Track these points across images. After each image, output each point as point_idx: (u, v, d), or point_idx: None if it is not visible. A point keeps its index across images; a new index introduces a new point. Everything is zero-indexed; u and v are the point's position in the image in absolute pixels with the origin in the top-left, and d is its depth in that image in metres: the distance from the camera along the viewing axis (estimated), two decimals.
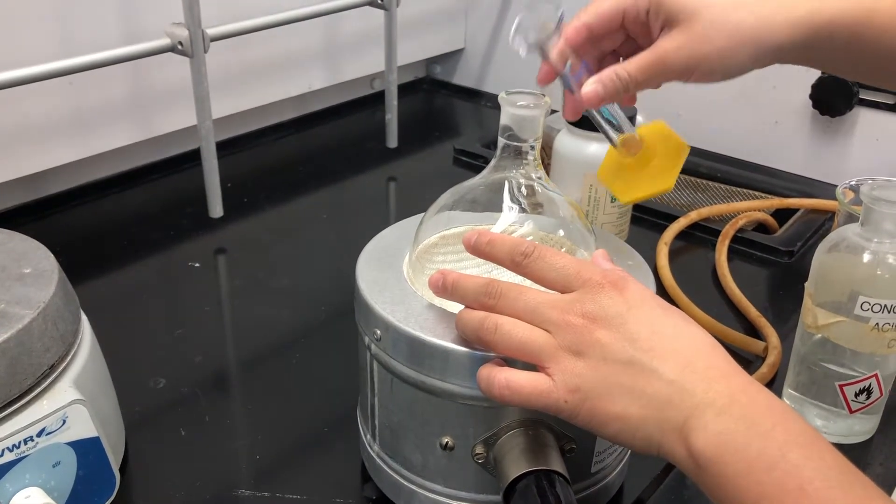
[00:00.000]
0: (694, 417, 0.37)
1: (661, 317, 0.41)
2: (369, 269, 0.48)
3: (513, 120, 0.46)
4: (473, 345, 0.42)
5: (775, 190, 0.92)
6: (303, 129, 1.05)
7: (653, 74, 0.49)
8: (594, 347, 0.40)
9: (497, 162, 0.47)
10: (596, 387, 0.39)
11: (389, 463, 0.49)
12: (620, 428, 0.39)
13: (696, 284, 0.75)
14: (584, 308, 0.40)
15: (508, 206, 0.47)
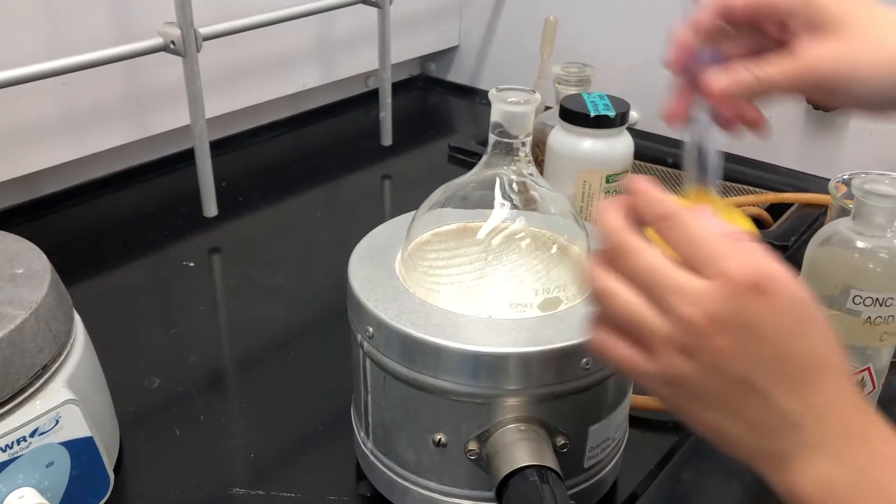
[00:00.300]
0: (800, 457, 0.35)
1: (796, 335, 0.35)
2: (361, 266, 0.49)
3: (503, 116, 0.46)
4: (469, 341, 0.42)
5: (770, 185, 0.92)
6: (297, 128, 1.05)
7: (796, 81, 0.42)
8: (709, 354, 0.35)
9: (488, 158, 0.47)
10: (697, 392, 0.36)
11: (383, 460, 0.49)
12: (717, 438, 0.37)
13: None
14: (709, 307, 0.34)
15: (500, 202, 0.47)
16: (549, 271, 0.47)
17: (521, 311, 0.45)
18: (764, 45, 0.44)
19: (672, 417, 0.58)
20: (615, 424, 0.48)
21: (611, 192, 0.72)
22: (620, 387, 0.47)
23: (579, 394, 0.44)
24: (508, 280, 0.46)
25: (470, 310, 0.45)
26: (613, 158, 0.72)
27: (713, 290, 0.34)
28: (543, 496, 0.40)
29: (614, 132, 0.72)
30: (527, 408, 0.44)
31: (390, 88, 0.97)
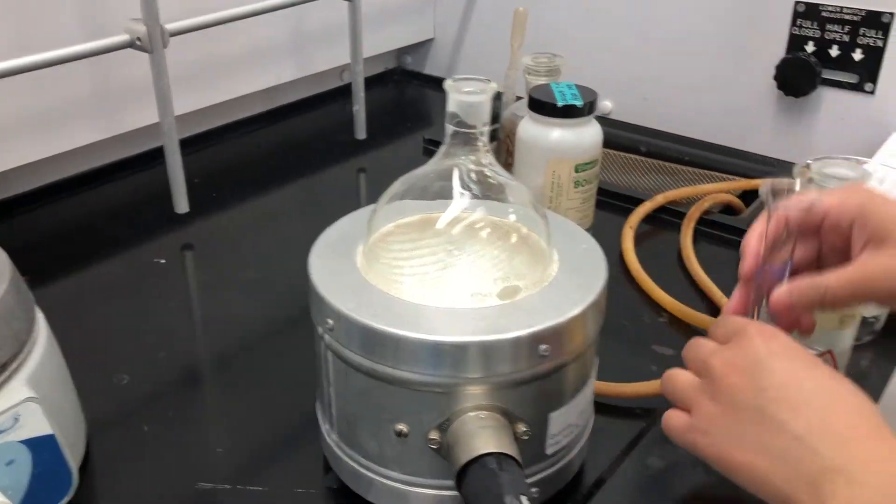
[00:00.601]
0: (824, 481, 0.36)
1: (804, 369, 0.40)
2: (322, 259, 0.49)
3: (459, 107, 0.46)
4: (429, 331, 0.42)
5: (743, 171, 0.92)
6: (272, 123, 1.05)
7: (854, 292, 0.44)
8: (727, 392, 0.41)
9: (447, 149, 0.48)
10: (724, 432, 0.40)
11: (347, 452, 0.49)
12: (748, 477, 0.39)
13: (662, 267, 0.75)
14: (726, 354, 0.42)
15: (459, 192, 0.47)
16: (508, 260, 0.47)
17: (481, 301, 0.45)
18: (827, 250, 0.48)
19: (640, 404, 0.59)
20: (577, 411, 0.48)
21: (580, 181, 0.72)
22: (581, 373, 0.48)
23: (539, 381, 0.44)
24: (468, 270, 0.46)
25: (431, 300, 0.45)
26: (582, 147, 0.72)
27: (732, 343, 0.42)
28: (501, 483, 0.40)
29: (583, 121, 0.72)
30: (487, 396, 0.44)
31: (363, 81, 0.97)
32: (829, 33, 0.87)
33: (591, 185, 0.74)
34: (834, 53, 0.88)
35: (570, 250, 0.50)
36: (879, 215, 0.44)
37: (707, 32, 0.96)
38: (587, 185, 0.73)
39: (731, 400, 0.40)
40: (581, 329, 0.45)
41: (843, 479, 0.36)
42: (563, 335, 0.44)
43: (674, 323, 0.68)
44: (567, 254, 0.49)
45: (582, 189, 0.73)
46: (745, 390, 0.40)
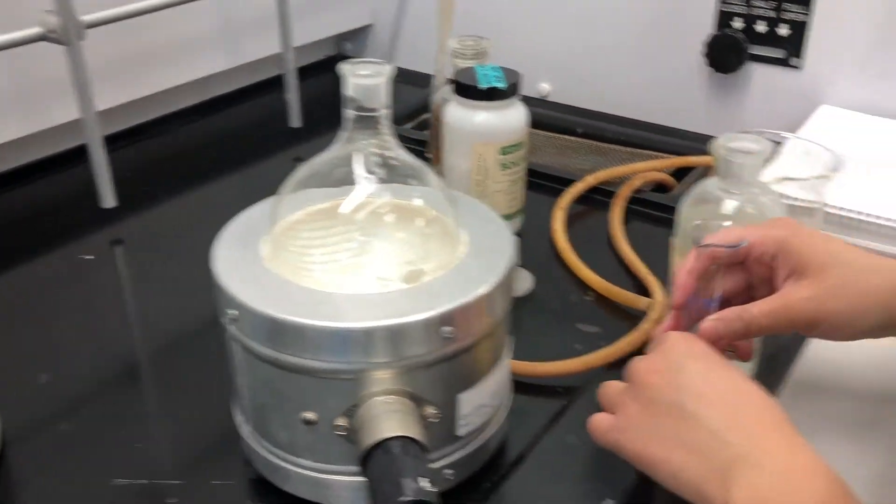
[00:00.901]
0: (733, 469, 0.39)
1: (718, 369, 0.43)
2: (226, 249, 0.48)
3: (356, 90, 0.45)
4: (330, 318, 0.42)
5: (676, 149, 0.93)
6: (206, 115, 1.03)
7: (777, 321, 0.47)
8: (647, 390, 0.44)
9: (349, 134, 0.47)
10: (643, 429, 0.43)
11: (261, 443, 0.49)
12: (665, 471, 0.42)
13: (593, 247, 0.76)
14: (649, 360, 0.45)
15: (364, 177, 0.47)
16: (414, 244, 0.47)
17: (386, 286, 0.45)
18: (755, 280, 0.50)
19: (561, 382, 0.59)
20: (489, 391, 0.48)
21: (507, 164, 0.73)
22: (491, 354, 0.48)
23: (444, 363, 0.45)
24: (373, 255, 0.46)
25: (336, 287, 0.45)
26: (507, 130, 0.72)
27: (654, 351, 0.46)
28: (402, 467, 0.40)
29: (507, 104, 0.72)
30: (392, 380, 0.44)
31: (294, 69, 0.96)
32: (756, 9, 0.88)
33: (519, 167, 0.74)
34: (761, 29, 0.89)
35: (479, 232, 0.50)
36: (799, 249, 0.47)
37: (637, 11, 0.96)
38: (514, 167, 0.73)
39: (651, 398, 0.43)
40: (486, 310, 0.45)
41: (747, 465, 0.39)
42: (467, 317, 0.44)
43: (600, 301, 0.68)
44: (476, 236, 0.49)
45: (509, 171, 0.73)
46: (663, 388, 0.43)
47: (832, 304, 0.47)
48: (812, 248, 0.47)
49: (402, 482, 0.39)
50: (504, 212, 0.75)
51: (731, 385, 0.43)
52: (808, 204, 0.64)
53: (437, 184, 0.49)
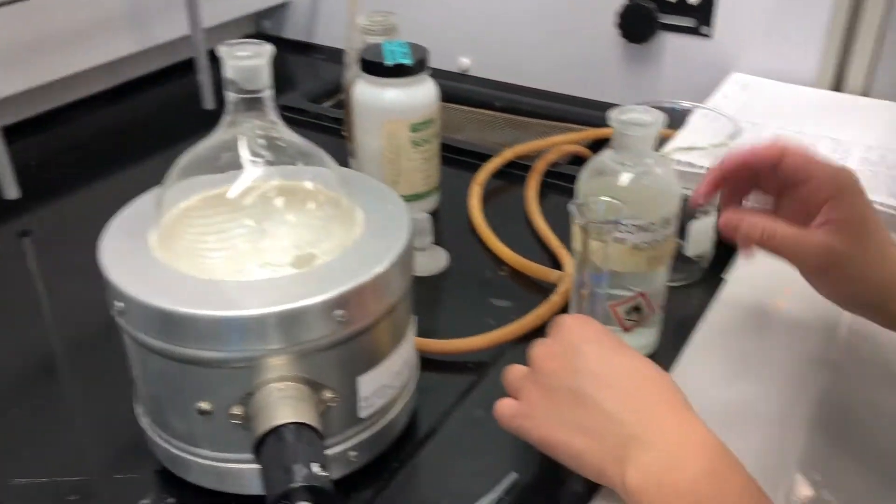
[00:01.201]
0: (628, 449, 0.40)
1: (613, 351, 0.44)
2: (114, 239, 0.47)
3: (236, 72, 0.44)
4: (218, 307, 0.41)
5: (593, 121, 0.93)
6: (117, 101, 1.00)
7: (790, 249, 0.50)
8: (547, 376, 0.44)
9: (231, 117, 0.46)
10: (545, 413, 0.44)
11: (160, 434, 0.48)
12: (567, 454, 0.43)
13: (510, 222, 0.76)
14: (548, 345, 0.46)
15: (250, 160, 0.46)
16: (305, 227, 0.46)
17: (275, 272, 0.44)
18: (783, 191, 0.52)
19: (471, 358, 0.59)
20: (391, 371, 0.48)
21: (419, 141, 0.72)
22: (391, 334, 0.48)
23: (339, 346, 0.44)
24: (263, 241, 0.46)
25: (226, 275, 0.44)
26: (417, 107, 0.71)
27: (553, 334, 0.46)
28: (295, 453, 0.40)
29: (415, 80, 0.71)
30: (286, 367, 0.43)
31: (205, 49, 0.93)
32: None
33: (431, 144, 0.74)
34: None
35: (375, 212, 0.49)
36: (855, 204, 0.49)
37: None
38: (427, 144, 0.73)
39: (550, 384, 0.44)
40: (381, 291, 0.45)
41: (640, 445, 0.40)
42: (361, 299, 0.44)
43: (514, 276, 0.69)
44: (372, 216, 0.49)
45: (421, 149, 0.73)
46: (561, 374, 0.44)
47: (849, 268, 0.49)
48: (856, 207, 0.49)
49: (293, 468, 0.39)
50: (419, 189, 0.75)
51: (627, 367, 0.44)
52: None
53: (329, 164, 0.49)
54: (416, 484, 0.49)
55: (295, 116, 0.96)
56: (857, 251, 0.49)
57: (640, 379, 0.43)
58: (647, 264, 0.54)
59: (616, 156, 0.53)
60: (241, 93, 0.45)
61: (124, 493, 0.49)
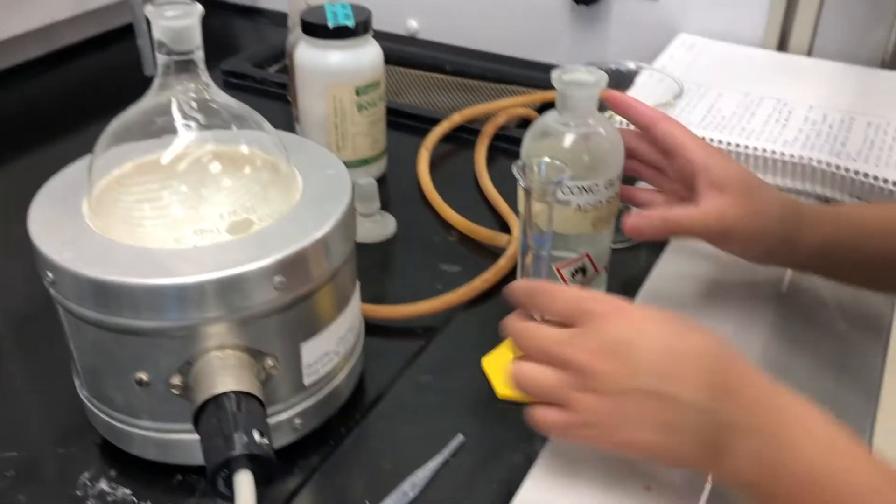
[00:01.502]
0: (722, 437, 0.38)
1: (670, 336, 0.40)
2: (44, 208, 0.45)
3: (165, 33, 0.43)
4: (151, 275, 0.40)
5: (543, 84, 0.92)
6: (53, 68, 0.97)
7: (693, 225, 0.52)
8: (602, 380, 0.39)
9: (161, 80, 0.45)
10: (613, 420, 0.40)
11: (99, 406, 0.47)
12: (652, 454, 0.40)
13: (458, 186, 0.76)
14: (589, 343, 0.40)
15: (183, 125, 0.45)
16: (242, 192, 0.45)
17: (211, 237, 0.43)
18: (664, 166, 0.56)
19: (420, 323, 0.59)
20: (335, 338, 0.48)
21: (364, 105, 0.71)
22: (334, 301, 0.47)
23: (279, 313, 0.44)
24: (198, 207, 0.44)
25: (161, 242, 0.43)
26: (361, 69, 0.70)
27: (587, 328, 0.41)
28: (235, 422, 0.40)
29: (359, 42, 0.70)
30: (225, 335, 0.43)
31: (143, 13, 0.90)
32: None
33: (377, 107, 0.72)
34: None
35: (315, 177, 0.48)
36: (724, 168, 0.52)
37: None
38: (372, 108, 0.72)
39: (609, 388, 0.40)
40: (320, 257, 0.44)
41: (738, 431, 0.38)
42: (301, 265, 0.43)
43: (463, 240, 0.68)
44: (312, 181, 0.48)
45: (367, 113, 0.72)
46: (620, 375, 0.39)
47: (744, 222, 0.51)
48: (728, 169, 0.52)
49: (233, 436, 0.39)
50: (366, 154, 0.74)
51: (689, 350, 0.40)
52: None
53: (266, 127, 0.47)
54: (363, 449, 0.49)
55: (240, 82, 0.95)
56: (746, 206, 0.51)
57: (708, 360, 0.40)
58: (592, 226, 0.54)
59: (560, 117, 0.53)
60: (172, 54, 0.43)
61: (65, 467, 0.48)
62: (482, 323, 0.59)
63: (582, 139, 0.53)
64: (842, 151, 0.68)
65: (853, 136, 0.70)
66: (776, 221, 0.52)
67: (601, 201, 0.53)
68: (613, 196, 0.54)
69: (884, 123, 0.72)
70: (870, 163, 0.66)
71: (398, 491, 0.45)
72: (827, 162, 0.66)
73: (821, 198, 0.68)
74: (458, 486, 0.46)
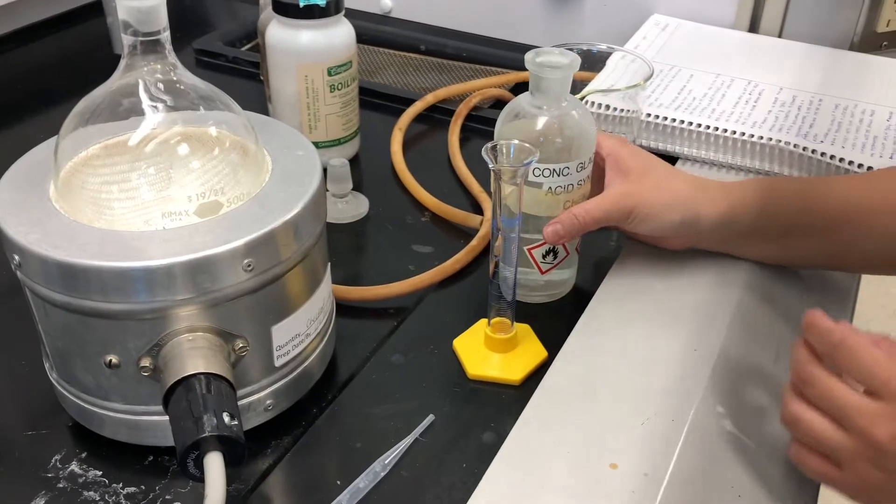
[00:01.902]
0: None
1: None
2: (10, 190, 0.45)
3: (130, 14, 0.42)
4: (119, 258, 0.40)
5: (518, 65, 0.92)
6: (19, 45, 0.95)
7: (606, 212, 0.54)
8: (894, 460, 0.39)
9: (127, 61, 0.44)
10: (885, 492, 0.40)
11: (69, 389, 0.47)
12: None
13: (433, 167, 0.76)
14: (892, 426, 0.39)
15: (150, 106, 0.45)
16: (210, 174, 0.45)
17: (178, 220, 0.43)
18: None
19: (391, 304, 0.59)
20: (305, 319, 0.48)
21: (336, 85, 0.71)
22: (304, 282, 0.47)
23: (249, 295, 0.44)
24: (166, 189, 0.44)
25: (128, 225, 0.43)
26: (333, 49, 0.70)
27: (891, 410, 0.39)
28: (205, 404, 0.40)
29: (331, 21, 0.69)
30: (194, 317, 0.43)
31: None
32: None
33: (350, 87, 0.72)
34: None
35: (284, 158, 0.48)
36: (625, 157, 0.56)
37: None
38: (345, 88, 0.72)
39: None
40: (290, 239, 0.44)
41: None
42: (270, 246, 0.43)
43: (436, 221, 0.69)
44: (281, 162, 0.48)
45: (340, 93, 0.71)
46: None
47: (646, 198, 0.54)
48: (634, 158, 0.56)
49: (203, 418, 0.39)
50: (339, 135, 0.73)
51: None
52: (626, 114, 0.66)
53: (235, 108, 0.47)
54: (335, 429, 0.50)
55: (211, 61, 0.94)
56: (647, 184, 0.55)
57: None
58: (563, 208, 0.54)
59: (532, 99, 0.53)
60: (138, 35, 0.43)
61: (36, 449, 0.48)
62: (454, 304, 0.59)
63: (555, 121, 0.53)
64: (809, 133, 0.69)
65: (821, 117, 0.71)
66: (680, 197, 0.55)
67: (573, 184, 0.54)
68: (585, 179, 0.55)
69: (851, 105, 0.73)
70: (836, 145, 0.67)
71: (369, 471, 0.46)
72: (794, 144, 0.67)
73: None
74: (428, 465, 0.47)
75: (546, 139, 0.53)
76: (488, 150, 0.47)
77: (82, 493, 0.45)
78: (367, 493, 0.45)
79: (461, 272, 0.62)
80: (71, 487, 0.46)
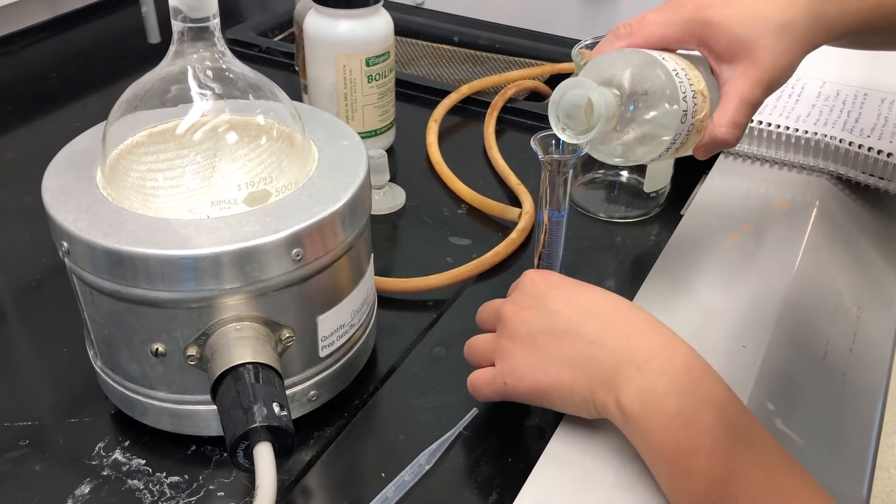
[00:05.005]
0: (618, 373, 0.41)
1: (580, 291, 0.45)
2: (58, 177, 0.45)
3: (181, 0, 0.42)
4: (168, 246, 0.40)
5: (552, 56, 0.92)
6: (58, 32, 0.96)
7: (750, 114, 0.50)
8: (521, 326, 0.44)
9: (176, 48, 0.44)
10: (527, 361, 0.44)
11: (113, 377, 0.47)
12: (559, 394, 0.43)
13: (467, 158, 0.75)
14: (514, 299, 0.46)
15: (198, 94, 0.44)
16: (258, 163, 0.45)
17: (227, 209, 0.43)
18: None
19: (431, 296, 0.59)
20: (350, 310, 0.48)
21: (374, 76, 0.70)
22: (349, 273, 0.47)
23: (297, 285, 0.43)
24: (214, 177, 0.44)
25: (176, 213, 0.43)
26: (371, 39, 0.69)
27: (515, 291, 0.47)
28: (254, 394, 0.39)
29: (370, 11, 0.69)
30: (242, 306, 0.42)
31: None
32: None
33: (387, 78, 0.72)
34: None
35: (331, 148, 0.48)
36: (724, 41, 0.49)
37: None
38: (382, 78, 0.71)
39: (525, 332, 0.44)
40: (337, 229, 0.44)
41: (631, 368, 0.41)
42: (318, 237, 0.43)
43: (472, 213, 0.68)
44: (328, 152, 0.48)
45: (377, 83, 0.71)
46: (536, 319, 0.44)
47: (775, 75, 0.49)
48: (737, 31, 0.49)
49: (253, 408, 0.39)
50: (375, 126, 0.73)
51: (598, 300, 0.45)
52: None
53: (282, 98, 0.47)
54: (377, 421, 0.49)
55: (244, 51, 0.93)
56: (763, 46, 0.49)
57: (614, 308, 0.44)
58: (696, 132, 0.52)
59: None
60: (188, 21, 0.42)
61: (78, 437, 0.48)
62: (493, 296, 0.58)
63: None
64: (854, 128, 0.67)
65: (866, 112, 0.70)
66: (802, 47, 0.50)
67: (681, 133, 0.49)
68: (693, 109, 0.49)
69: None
70: (883, 139, 0.66)
71: (414, 464, 0.45)
72: (840, 138, 0.66)
73: (833, 174, 0.68)
74: (471, 458, 0.47)
75: None
76: (536, 141, 0.47)
77: (126, 482, 0.45)
78: (412, 486, 0.45)
79: (500, 265, 0.61)
80: (115, 475, 0.46)
